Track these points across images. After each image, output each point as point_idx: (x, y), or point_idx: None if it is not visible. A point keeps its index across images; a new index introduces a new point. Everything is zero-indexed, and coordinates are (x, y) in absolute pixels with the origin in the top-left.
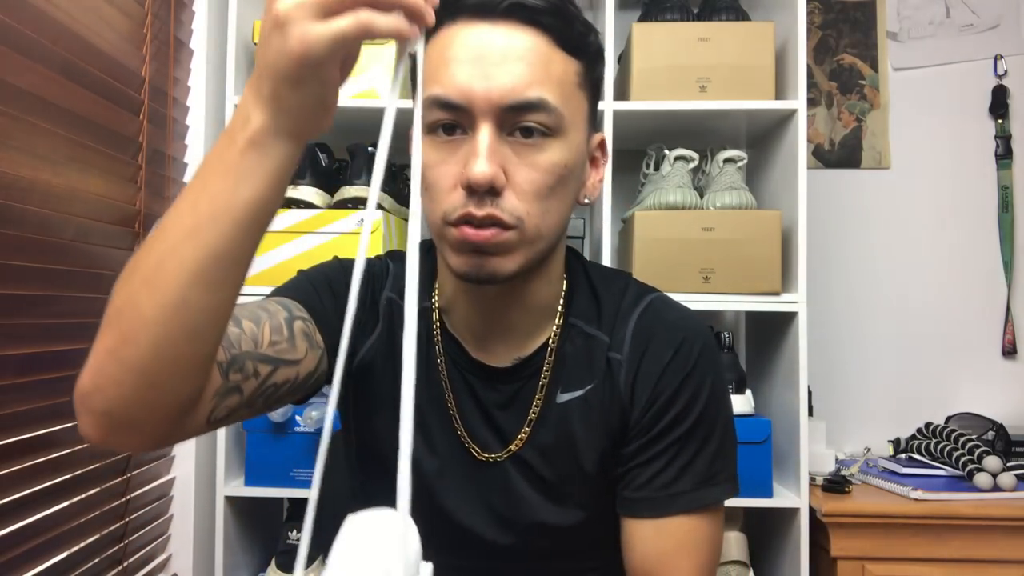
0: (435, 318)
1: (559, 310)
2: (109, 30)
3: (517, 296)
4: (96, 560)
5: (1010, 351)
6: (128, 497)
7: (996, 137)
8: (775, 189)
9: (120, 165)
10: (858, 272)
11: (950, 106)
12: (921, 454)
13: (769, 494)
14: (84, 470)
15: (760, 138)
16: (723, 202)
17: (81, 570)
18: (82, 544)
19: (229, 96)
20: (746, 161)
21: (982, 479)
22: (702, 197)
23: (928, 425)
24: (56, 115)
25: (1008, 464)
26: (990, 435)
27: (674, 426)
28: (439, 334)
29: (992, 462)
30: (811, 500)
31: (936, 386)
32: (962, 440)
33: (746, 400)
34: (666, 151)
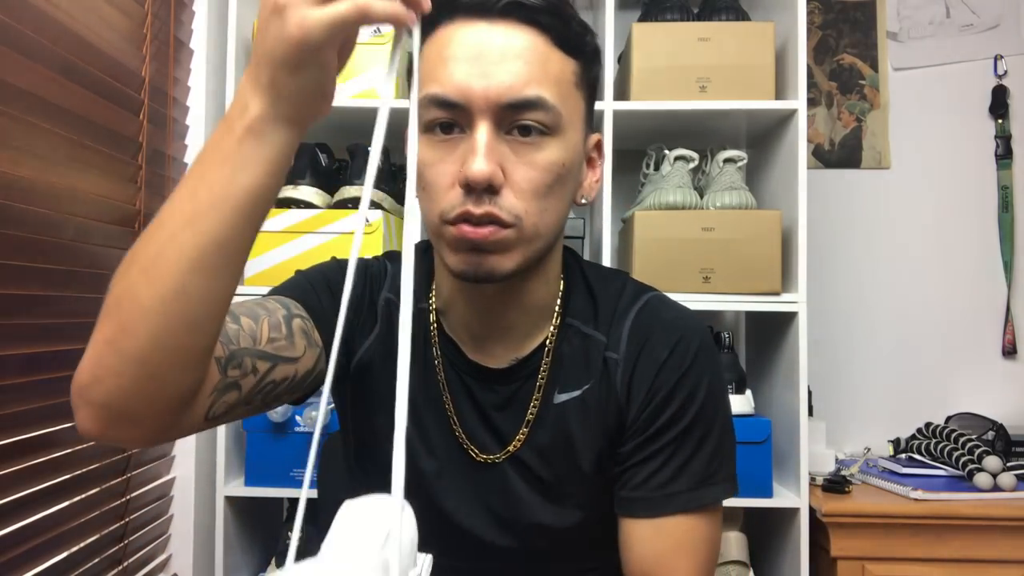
0: (432, 319)
1: (556, 310)
2: (109, 30)
3: (514, 296)
4: (96, 560)
5: (1010, 351)
6: (128, 497)
7: (996, 137)
8: (775, 189)
9: (120, 165)
10: (858, 272)
11: (950, 106)
12: (921, 454)
13: (769, 494)
14: (84, 470)
15: (760, 138)
16: (723, 202)
17: (81, 570)
18: (82, 544)
19: (229, 96)
20: (746, 161)
21: (982, 479)
22: (702, 197)
23: (928, 425)
24: (56, 115)
25: (1008, 464)
26: (990, 435)
27: (671, 425)
28: (436, 335)
29: (992, 462)
30: (811, 500)
31: (936, 386)
32: (962, 440)
33: (746, 400)
34: (666, 151)
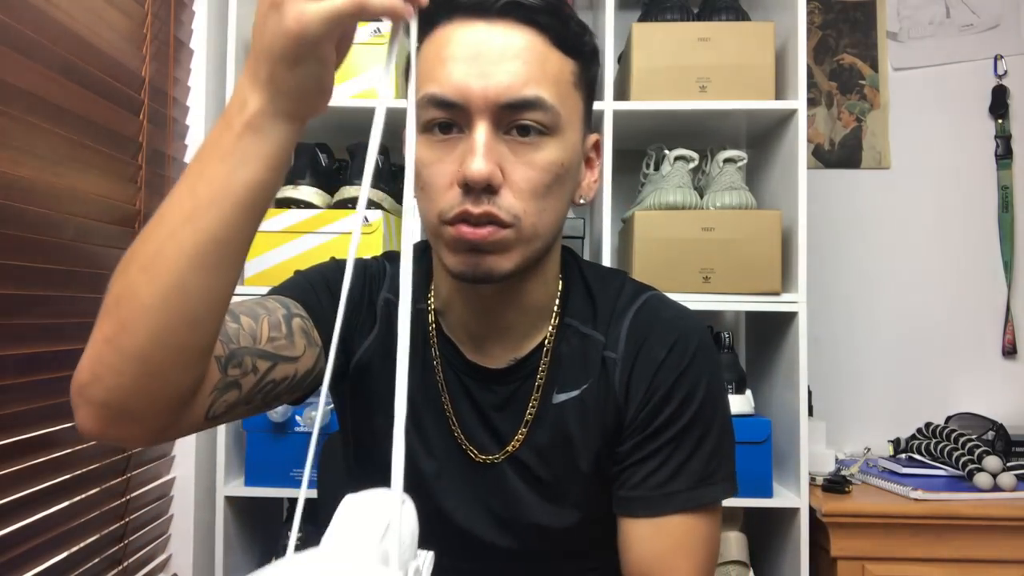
0: (431, 320)
1: (555, 310)
2: (109, 30)
3: (513, 296)
4: (96, 560)
5: (1010, 351)
6: (128, 497)
7: (996, 137)
8: (775, 189)
9: (120, 165)
10: (858, 272)
11: (950, 106)
12: (921, 454)
13: (769, 494)
14: (84, 470)
15: (760, 138)
16: (723, 202)
17: (81, 570)
18: (82, 544)
19: (229, 96)
20: (746, 161)
21: (982, 479)
22: (702, 197)
23: (928, 425)
24: (56, 115)
25: (1008, 464)
26: (990, 435)
27: (669, 424)
28: (435, 336)
29: (992, 462)
30: (811, 500)
31: (936, 386)
32: (962, 440)
33: (746, 400)
34: (666, 151)
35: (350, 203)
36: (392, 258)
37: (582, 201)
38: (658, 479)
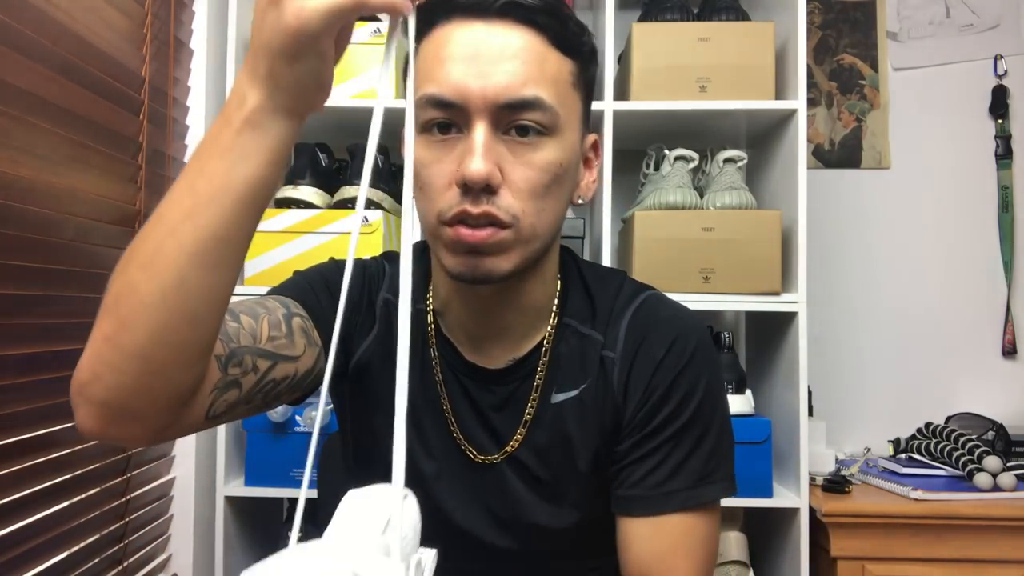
0: (429, 320)
1: (553, 310)
2: (109, 30)
3: (512, 297)
4: (96, 560)
5: (1010, 351)
6: (128, 497)
7: (996, 137)
8: (775, 189)
9: (120, 165)
10: (858, 272)
11: (950, 106)
12: (921, 454)
13: (769, 494)
14: (84, 470)
15: (760, 138)
16: (723, 202)
17: (81, 570)
18: (82, 544)
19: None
20: (746, 161)
21: (982, 479)
22: (702, 197)
23: (928, 425)
24: (56, 115)
25: (1008, 464)
26: (990, 435)
27: (668, 423)
28: (433, 337)
29: (992, 462)
30: (811, 500)
31: (936, 386)
32: (962, 440)
33: (746, 400)
34: (666, 151)
35: (350, 203)
36: (391, 258)
37: (580, 201)
38: (657, 478)
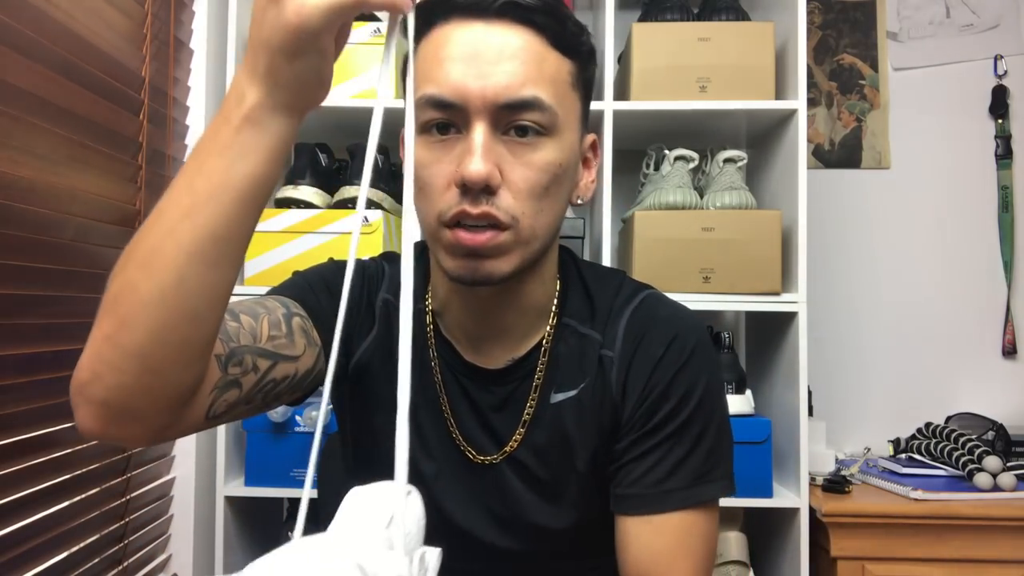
0: (428, 321)
1: (553, 310)
2: (109, 30)
3: (511, 297)
4: (96, 560)
5: (1010, 351)
6: (128, 497)
7: (996, 137)
8: (775, 189)
9: (120, 165)
10: (858, 272)
11: (950, 106)
12: (921, 454)
13: (769, 494)
14: (84, 470)
15: (760, 138)
16: (723, 202)
17: (81, 570)
18: (82, 544)
19: None
20: (746, 161)
21: (982, 479)
22: (702, 197)
23: (928, 425)
24: (56, 115)
25: (1008, 464)
26: (990, 435)
27: (667, 421)
28: (432, 337)
29: (992, 462)
30: (811, 500)
31: (936, 386)
32: (962, 440)
33: (746, 400)
34: (666, 151)
35: (350, 203)
36: (390, 259)
37: (579, 201)
38: (655, 476)
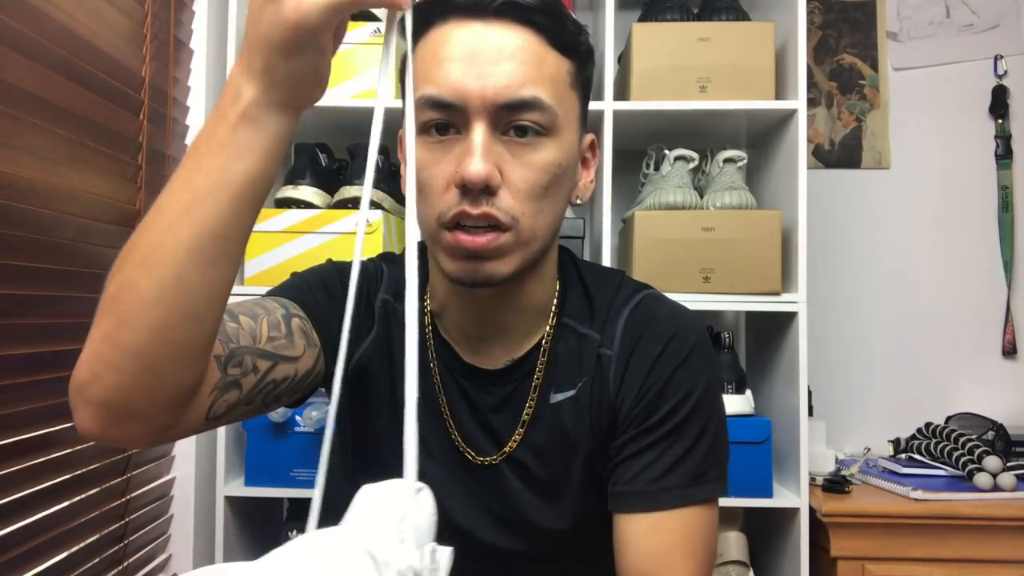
0: (428, 322)
1: (552, 310)
2: (109, 30)
3: (511, 298)
4: (96, 560)
5: (1010, 351)
6: (128, 497)
7: (996, 137)
8: (775, 189)
9: (120, 165)
10: (858, 272)
11: (950, 106)
12: (921, 454)
13: (769, 494)
14: (84, 470)
15: (760, 138)
16: (723, 202)
17: (81, 570)
18: (82, 544)
19: None
20: (746, 161)
21: (982, 479)
22: (702, 197)
23: (928, 425)
24: (56, 115)
25: (1008, 464)
26: (990, 435)
27: (665, 420)
28: (431, 338)
29: (992, 462)
30: (811, 500)
31: (936, 386)
32: (962, 440)
33: (746, 400)
34: (666, 151)
35: (350, 203)
36: (389, 260)
37: (579, 202)
38: (652, 474)
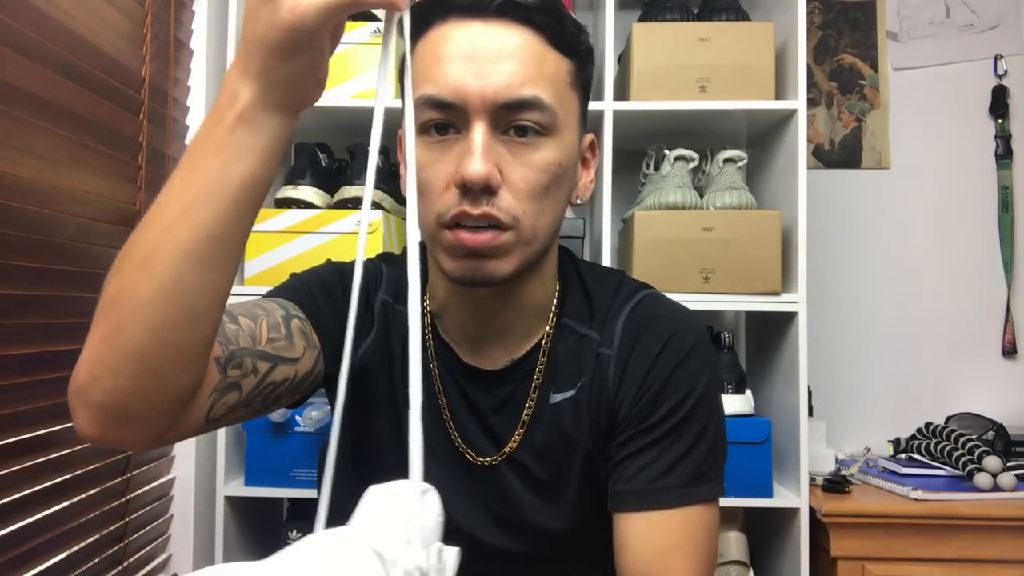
0: (427, 322)
1: (552, 311)
2: (109, 30)
3: (511, 298)
4: (96, 560)
5: (1010, 351)
6: (128, 497)
7: (996, 137)
8: (775, 189)
9: (120, 165)
10: (858, 272)
11: (950, 106)
12: (921, 454)
13: (769, 494)
14: (84, 470)
15: (760, 138)
16: (723, 202)
17: (81, 570)
18: (82, 544)
19: None
20: (746, 161)
21: (982, 479)
22: (702, 197)
23: (928, 425)
24: (56, 115)
25: (1008, 464)
26: (990, 435)
27: (665, 419)
28: (431, 339)
29: (992, 462)
30: (811, 500)
31: (936, 386)
32: (962, 440)
33: (746, 400)
34: (666, 151)
35: (350, 203)
36: (388, 260)
37: (578, 201)
38: (651, 473)
